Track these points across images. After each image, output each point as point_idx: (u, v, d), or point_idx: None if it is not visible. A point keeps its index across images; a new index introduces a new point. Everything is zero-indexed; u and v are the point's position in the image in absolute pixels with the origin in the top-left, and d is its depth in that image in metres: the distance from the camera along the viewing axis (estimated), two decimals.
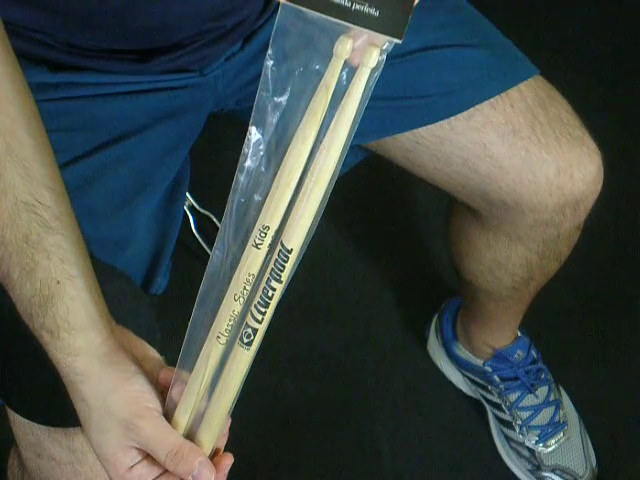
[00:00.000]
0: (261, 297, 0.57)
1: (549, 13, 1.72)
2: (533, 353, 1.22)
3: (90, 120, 0.80)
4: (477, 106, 0.85)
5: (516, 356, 1.21)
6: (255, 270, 0.57)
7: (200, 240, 1.35)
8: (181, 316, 0.99)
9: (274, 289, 0.57)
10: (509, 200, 0.89)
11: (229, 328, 0.58)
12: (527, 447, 1.22)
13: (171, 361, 0.80)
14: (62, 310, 0.61)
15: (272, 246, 0.56)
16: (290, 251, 0.56)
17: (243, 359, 0.58)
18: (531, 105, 0.86)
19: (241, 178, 0.56)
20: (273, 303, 0.57)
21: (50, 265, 0.61)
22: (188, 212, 1.34)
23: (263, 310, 0.57)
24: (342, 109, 0.53)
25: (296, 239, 0.56)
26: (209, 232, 1.35)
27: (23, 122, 0.63)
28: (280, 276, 0.56)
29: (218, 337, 0.58)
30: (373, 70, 0.52)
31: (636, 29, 1.70)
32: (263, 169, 0.56)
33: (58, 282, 0.61)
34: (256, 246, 0.56)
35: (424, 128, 0.86)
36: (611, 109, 1.56)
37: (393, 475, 1.26)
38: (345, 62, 0.53)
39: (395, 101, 0.85)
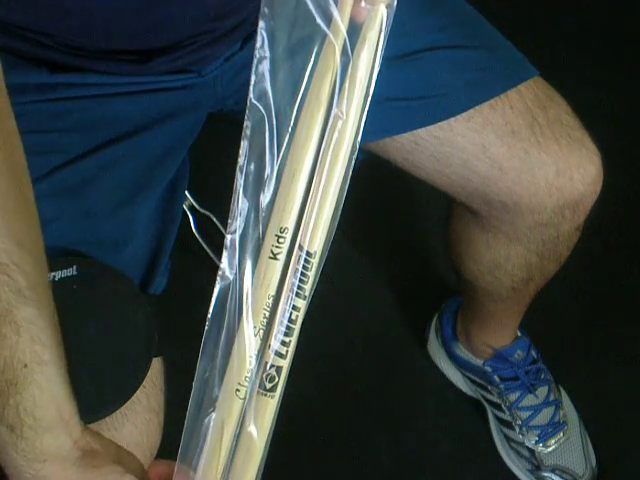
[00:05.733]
0: (281, 323, 0.46)
1: (549, 13, 1.72)
2: (533, 353, 1.22)
3: (89, 120, 0.80)
4: (476, 107, 0.85)
5: (516, 356, 1.21)
6: (274, 289, 0.46)
7: (200, 240, 1.35)
8: (180, 316, 1.00)
9: (298, 309, 0.46)
10: (508, 201, 0.89)
11: (249, 375, 0.46)
12: (527, 447, 1.22)
13: (169, 362, 0.81)
14: (27, 401, 0.50)
15: (289, 255, 0.47)
16: (312, 255, 0.46)
17: (268, 411, 0.47)
18: (530, 106, 0.86)
19: (241, 176, 0.47)
20: (297, 328, 0.46)
21: (18, 343, 0.50)
22: (188, 212, 1.34)
23: (287, 340, 0.46)
24: (357, 56, 0.45)
25: (318, 238, 0.46)
26: (209, 232, 1.35)
27: (6, 171, 0.54)
28: (303, 290, 0.46)
29: (237, 390, 0.46)
30: (388, 7, 0.46)
31: (636, 29, 1.70)
32: (268, 155, 0.47)
33: (25, 365, 0.50)
34: (274, 257, 0.46)
35: (423, 129, 0.85)
36: (611, 110, 1.56)
37: (393, 475, 1.26)
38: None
39: (394, 102, 0.85)
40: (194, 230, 1.35)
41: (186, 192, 1.28)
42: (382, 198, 1.49)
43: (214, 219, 1.36)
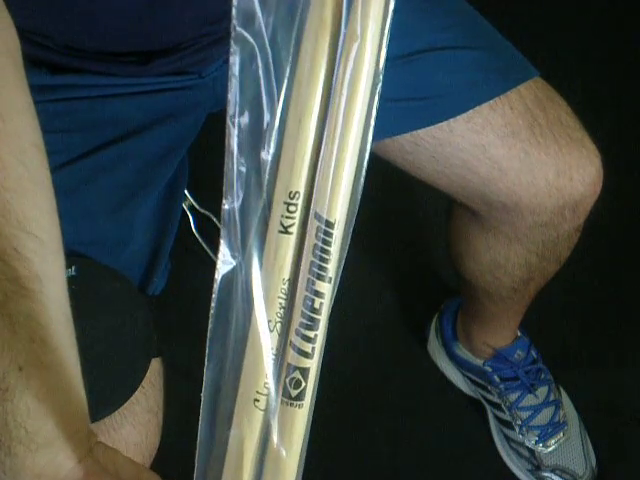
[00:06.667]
0: (302, 314, 0.36)
1: (549, 14, 1.72)
2: (533, 353, 1.22)
3: (89, 121, 0.80)
4: (476, 108, 0.85)
5: (516, 356, 1.21)
6: (289, 272, 0.37)
7: (200, 240, 1.35)
8: (180, 316, 1.00)
9: (321, 295, 0.37)
10: (508, 202, 0.89)
11: (268, 380, 0.37)
12: (527, 447, 1.22)
13: (168, 362, 0.81)
14: (19, 410, 0.42)
15: (304, 227, 0.36)
16: (333, 225, 0.36)
17: (296, 424, 0.38)
18: (530, 107, 0.86)
19: (234, 129, 0.35)
20: (323, 319, 0.37)
21: (12, 341, 0.43)
22: (188, 212, 1.34)
23: (311, 334, 0.36)
24: None
25: (339, 202, 0.35)
26: (209, 232, 1.35)
27: (8, 146, 0.47)
28: (326, 270, 0.36)
29: (256, 400, 0.37)
30: None
31: (636, 29, 1.70)
32: (266, 98, 0.35)
33: (20, 368, 0.43)
34: (285, 230, 0.36)
35: (423, 130, 0.85)
36: (611, 110, 1.56)
37: (393, 475, 1.26)
38: None
39: (394, 103, 0.85)
40: (194, 230, 1.35)
41: (186, 192, 1.28)
42: (382, 198, 1.49)
43: (214, 219, 1.36)
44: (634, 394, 1.31)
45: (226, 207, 0.36)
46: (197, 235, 1.35)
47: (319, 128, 0.35)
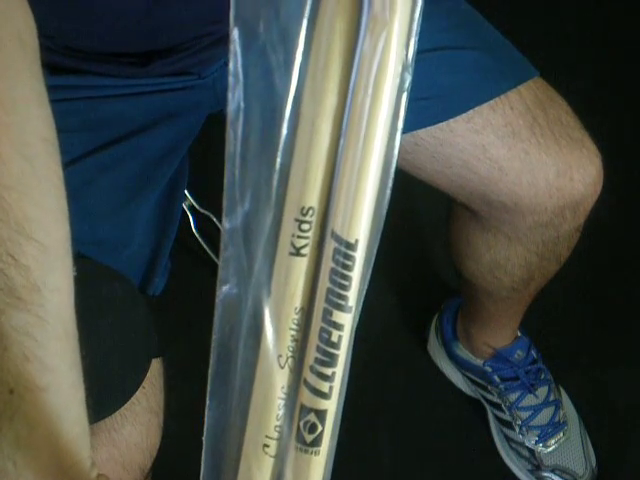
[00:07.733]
0: (319, 348, 0.31)
1: (549, 13, 1.72)
2: (533, 353, 1.22)
3: (89, 121, 0.80)
4: (476, 108, 0.84)
5: (516, 356, 1.21)
6: (301, 300, 0.31)
7: (200, 240, 1.35)
8: (180, 317, 1.00)
9: (340, 327, 0.31)
10: (508, 202, 0.89)
11: (279, 423, 0.32)
12: (527, 447, 1.22)
13: (169, 363, 0.80)
14: (8, 441, 0.37)
15: (319, 248, 0.31)
16: (354, 246, 0.30)
17: (312, 474, 0.34)
18: (530, 107, 0.86)
19: (236, 136, 0.28)
20: (343, 354, 0.32)
21: (3, 360, 0.38)
22: (188, 212, 1.34)
23: (329, 372, 0.31)
24: None
25: (362, 220, 0.30)
26: (209, 232, 1.35)
27: (9, 138, 0.43)
28: (345, 299, 0.31)
29: (266, 446, 0.32)
30: None
31: (636, 29, 1.70)
32: (273, 102, 0.29)
33: (11, 391, 0.38)
34: (297, 252, 0.30)
35: (423, 130, 0.85)
36: (611, 110, 1.56)
37: (393, 475, 1.26)
38: None
39: None
40: (194, 230, 1.35)
41: (186, 192, 1.28)
42: None
43: (214, 219, 1.36)
44: (634, 394, 1.31)
45: (227, 226, 0.30)
46: (197, 235, 1.35)
47: (336, 131, 0.30)
